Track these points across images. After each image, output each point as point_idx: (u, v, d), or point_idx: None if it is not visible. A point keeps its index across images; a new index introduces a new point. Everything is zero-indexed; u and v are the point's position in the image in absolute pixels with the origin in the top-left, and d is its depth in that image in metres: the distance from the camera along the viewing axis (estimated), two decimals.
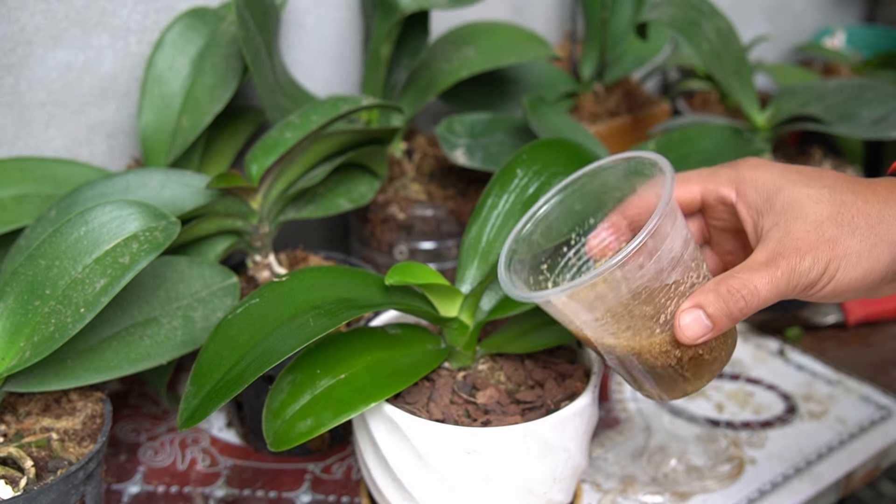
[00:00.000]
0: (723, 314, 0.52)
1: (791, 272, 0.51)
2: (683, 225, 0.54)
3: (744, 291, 0.51)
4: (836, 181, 0.54)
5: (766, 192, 0.55)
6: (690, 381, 0.56)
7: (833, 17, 1.46)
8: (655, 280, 0.52)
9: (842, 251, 0.52)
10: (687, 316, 0.52)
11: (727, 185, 0.57)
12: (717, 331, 0.52)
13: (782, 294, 0.52)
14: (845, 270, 0.52)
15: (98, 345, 0.63)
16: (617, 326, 0.54)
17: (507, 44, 0.95)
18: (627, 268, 0.51)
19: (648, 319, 0.53)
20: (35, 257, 0.59)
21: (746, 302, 0.51)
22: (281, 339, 0.57)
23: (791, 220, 0.53)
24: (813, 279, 0.52)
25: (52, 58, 0.81)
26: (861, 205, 0.53)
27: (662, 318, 0.53)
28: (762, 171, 0.56)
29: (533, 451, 0.58)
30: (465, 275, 0.66)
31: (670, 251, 0.53)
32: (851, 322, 0.94)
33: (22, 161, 0.78)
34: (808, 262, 0.51)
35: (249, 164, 0.72)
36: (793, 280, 0.51)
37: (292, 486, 0.73)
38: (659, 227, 0.51)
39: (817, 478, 0.74)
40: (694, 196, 0.59)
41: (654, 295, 0.53)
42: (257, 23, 0.76)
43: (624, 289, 0.52)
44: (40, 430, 0.61)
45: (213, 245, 0.75)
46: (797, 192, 0.54)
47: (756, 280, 0.51)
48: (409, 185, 0.90)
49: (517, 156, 0.69)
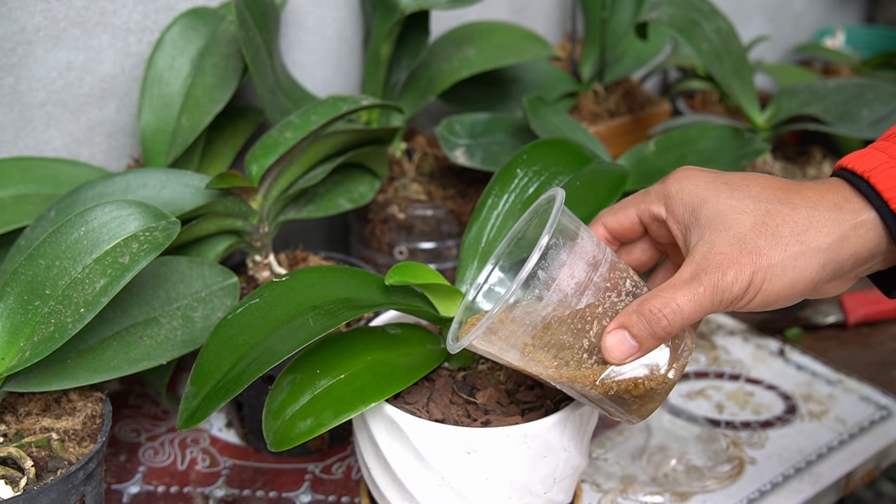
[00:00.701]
0: (647, 334, 0.52)
1: (714, 288, 0.51)
2: (590, 247, 0.54)
3: (665, 311, 0.51)
4: (763, 189, 0.54)
5: (691, 205, 0.55)
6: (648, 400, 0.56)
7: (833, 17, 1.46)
8: (563, 307, 0.53)
9: (765, 262, 0.51)
10: (612, 337, 0.53)
11: (657, 202, 0.57)
12: (644, 350, 0.53)
13: (707, 310, 0.52)
14: (771, 281, 0.51)
15: (98, 345, 0.63)
16: (545, 359, 0.54)
17: (507, 44, 0.95)
18: (523, 303, 0.52)
19: (570, 348, 0.54)
20: (35, 257, 0.59)
21: (669, 321, 0.52)
22: (281, 340, 0.57)
23: (714, 233, 0.53)
24: (737, 293, 0.51)
25: (52, 58, 0.81)
26: (787, 213, 0.52)
27: (587, 343, 0.54)
28: (688, 183, 0.55)
29: (533, 451, 0.58)
30: (465, 275, 0.66)
31: (571, 277, 0.53)
32: (851, 322, 0.94)
33: (22, 161, 0.78)
34: (730, 277, 0.51)
35: (249, 164, 0.72)
36: (717, 295, 0.51)
37: (292, 486, 0.73)
38: (552, 257, 0.52)
39: (817, 478, 0.74)
40: (632, 219, 0.59)
41: (566, 322, 0.53)
42: (257, 23, 0.76)
43: (528, 322, 0.53)
44: (40, 430, 0.61)
45: (213, 245, 0.75)
46: (721, 205, 0.53)
47: (678, 298, 0.51)
48: (409, 185, 0.90)
49: (517, 156, 0.69)
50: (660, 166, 0.84)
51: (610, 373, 0.54)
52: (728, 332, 0.93)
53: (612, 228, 0.60)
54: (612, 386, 0.54)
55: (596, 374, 0.54)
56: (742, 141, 0.83)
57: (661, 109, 1.04)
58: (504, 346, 0.54)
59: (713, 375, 0.87)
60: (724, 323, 0.95)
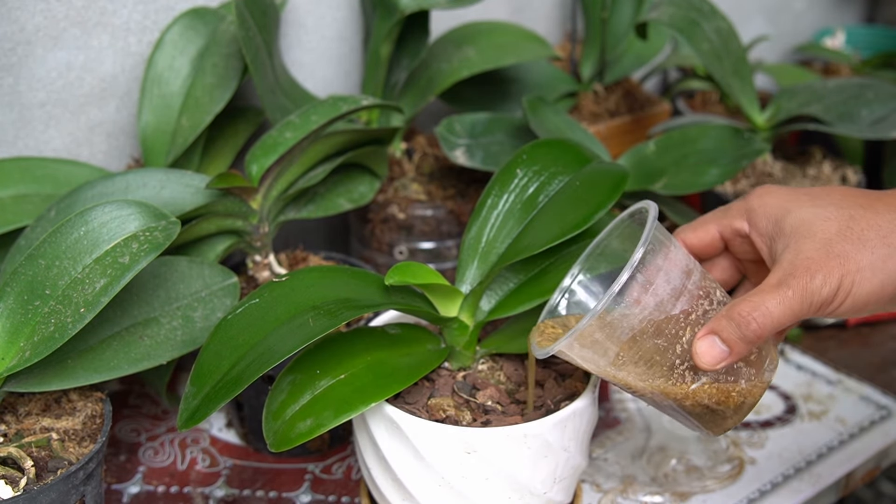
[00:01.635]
0: (737, 338, 0.52)
1: (803, 291, 0.52)
2: (682, 256, 0.55)
3: (755, 314, 0.52)
4: (844, 197, 0.55)
5: (774, 217, 0.56)
6: (729, 415, 0.56)
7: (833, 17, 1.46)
8: (658, 312, 0.54)
9: (854, 266, 0.52)
10: (702, 343, 0.53)
11: (739, 217, 0.58)
12: (735, 355, 0.53)
13: (797, 314, 0.52)
14: (861, 284, 0.52)
15: (98, 345, 0.63)
16: (636, 367, 0.55)
17: (507, 44, 0.95)
18: (623, 305, 0.53)
19: (663, 353, 0.54)
20: (35, 257, 0.59)
21: (759, 324, 0.52)
22: (281, 340, 0.57)
23: (800, 240, 0.53)
24: (826, 296, 0.52)
25: (52, 58, 0.81)
26: (871, 217, 0.53)
27: (679, 349, 0.54)
28: (769, 198, 0.57)
29: (533, 451, 0.58)
30: (465, 275, 0.66)
31: (667, 283, 0.54)
32: (851, 322, 0.94)
33: (22, 161, 0.78)
34: (819, 280, 0.52)
35: (249, 164, 0.72)
36: (806, 299, 0.52)
37: (292, 486, 0.73)
38: (648, 261, 0.53)
39: (817, 478, 0.74)
40: (713, 235, 0.60)
41: (661, 327, 0.54)
42: (257, 23, 0.76)
43: (626, 325, 0.53)
44: (40, 430, 0.61)
45: (213, 245, 0.75)
46: (805, 213, 0.54)
47: (767, 302, 0.52)
48: (409, 185, 0.90)
49: (517, 156, 0.69)
50: (660, 166, 0.84)
51: (699, 383, 0.55)
52: None
53: (692, 244, 0.61)
54: (702, 394, 0.55)
55: (686, 385, 0.55)
56: (742, 141, 0.83)
57: (661, 109, 1.04)
58: (597, 352, 0.55)
59: None
60: None
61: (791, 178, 0.95)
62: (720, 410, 0.56)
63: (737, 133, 0.83)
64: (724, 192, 0.94)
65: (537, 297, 0.63)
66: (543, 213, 0.66)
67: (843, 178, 0.96)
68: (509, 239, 0.66)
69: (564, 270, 0.64)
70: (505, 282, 0.66)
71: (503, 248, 0.66)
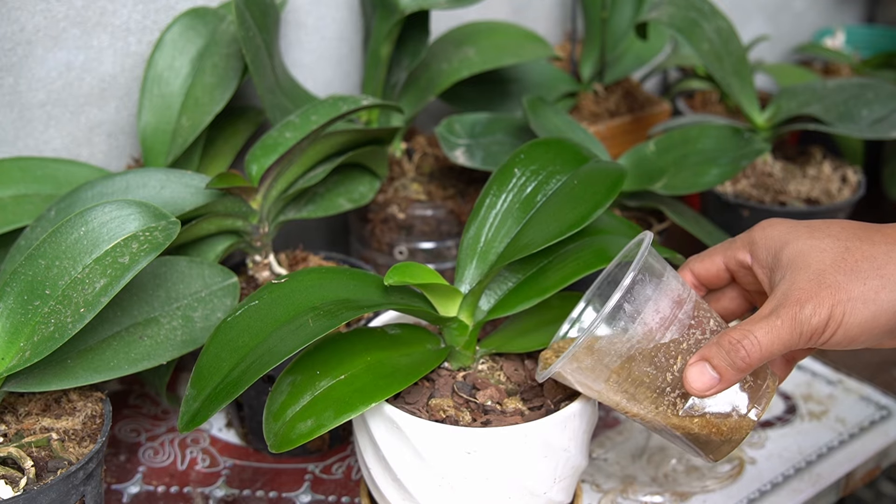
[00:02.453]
0: (726, 364, 0.53)
1: (792, 321, 0.52)
2: (677, 286, 0.57)
3: (744, 341, 0.53)
4: (843, 230, 0.55)
5: (774, 249, 0.57)
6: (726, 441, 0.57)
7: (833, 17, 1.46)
8: (647, 340, 0.55)
9: (844, 296, 0.52)
10: (693, 369, 0.54)
11: (742, 249, 0.59)
12: (725, 383, 0.54)
13: (786, 344, 0.53)
14: (852, 314, 0.52)
15: (98, 345, 0.63)
16: (627, 390, 0.56)
17: (507, 44, 0.95)
18: (609, 335, 0.54)
19: (653, 380, 0.55)
20: (35, 257, 0.59)
21: (747, 351, 0.53)
22: (281, 341, 0.57)
23: (795, 272, 0.54)
24: (816, 326, 0.52)
25: (52, 58, 0.81)
26: (866, 248, 0.53)
27: (670, 377, 0.55)
28: (771, 230, 0.58)
29: (533, 451, 0.58)
30: (465, 274, 0.66)
31: (656, 312, 0.55)
32: None
33: (22, 161, 0.78)
34: (808, 310, 0.52)
35: (249, 164, 0.72)
36: (795, 328, 0.52)
37: (292, 486, 0.73)
38: (637, 292, 0.54)
39: (817, 478, 0.74)
40: (719, 266, 0.61)
41: (651, 355, 0.55)
42: (257, 23, 0.76)
43: (614, 352, 0.55)
44: (40, 430, 0.61)
45: (213, 245, 0.75)
46: (801, 245, 0.55)
47: (756, 331, 0.53)
48: (409, 185, 0.90)
49: (514, 155, 0.69)
50: (660, 166, 0.84)
51: (690, 409, 0.56)
52: None
53: (699, 274, 0.62)
54: (692, 424, 0.56)
55: (677, 411, 0.56)
56: (742, 141, 0.83)
57: (661, 109, 1.04)
58: (589, 377, 0.56)
59: None
60: None
61: (791, 178, 0.95)
62: (708, 439, 0.57)
63: (737, 133, 0.83)
64: (724, 192, 0.94)
65: (536, 296, 0.63)
66: (541, 212, 0.66)
67: (843, 177, 0.96)
68: (508, 238, 0.66)
69: (563, 269, 0.64)
70: (504, 281, 0.66)
71: (502, 247, 0.66)
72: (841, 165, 0.98)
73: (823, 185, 0.95)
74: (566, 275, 0.63)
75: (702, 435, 0.56)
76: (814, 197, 0.93)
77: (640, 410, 0.56)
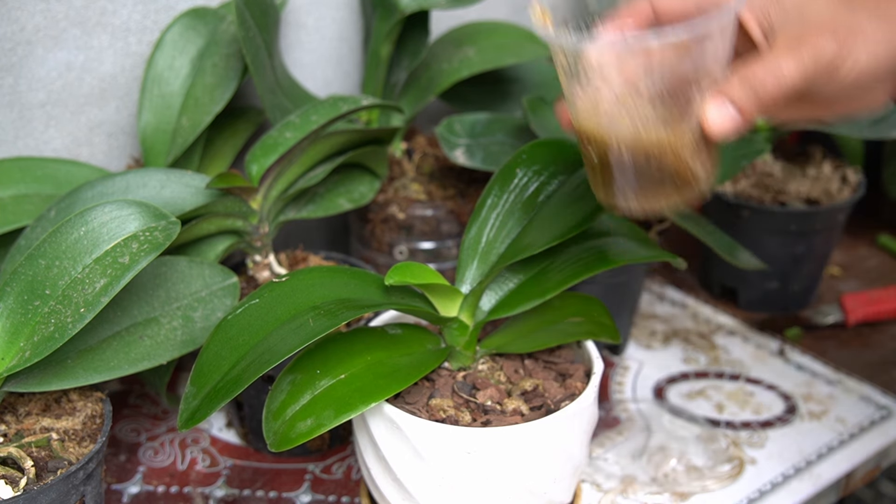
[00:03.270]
0: (749, 100, 0.51)
1: (815, 52, 0.51)
2: (731, 33, 0.53)
3: (770, 76, 0.50)
4: None
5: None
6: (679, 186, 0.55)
7: None
8: (696, 70, 0.51)
9: (858, 29, 0.51)
10: (713, 106, 0.51)
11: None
12: (746, 120, 0.51)
13: (808, 78, 0.51)
14: (865, 45, 0.51)
15: (98, 345, 0.63)
16: (639, 108, 0.52)
17: (507, 44, 0.95)
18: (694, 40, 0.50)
19: (682, 94, 0.52)
20: (35, 257, 0.59)
21: (778, 81, 0.50)
22: (281, 340, 0.57)
23: (803, 8, 0.53)
24: (833, 59, 0.51)
25: (52, 58, 0.81)
26: None
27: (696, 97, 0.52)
28: None
29: (533, 451, 0.58)
30: (465, 275, 0.66)
31: (715, 51, 0.52)
32: (851, 322, 0.94)
33: (22, 161, 0.78)
34: (828, 42, 0.51)
35: (249, 164, 0.72)
36: (818, 60, 0.51)
37: (292, 486, 0.73)
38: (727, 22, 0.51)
39: (817, 478, 0.74)
40: (686, 4, 0.56)
41: (683, 84, 0.52)
42: (257, 23, 0.76)
43: (681, 63, 0.51)
44: (40, 430, 0.61)
45: (213, 245, 0.75)
46: None
47: (782, 62, 0.51)
48: (409, 185, 0.90)
49: (516, 156, 0.69)
50: None
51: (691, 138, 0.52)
52: (728, 332, 0.93)
53: (658, 7, 0.57)
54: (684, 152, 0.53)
55: (683, 138, 0.53)
56: (742, 141, 0.83)
57: None
58: (620, 77, 0.52)
59: (713, 375, 0.87)
60: (724, 323, 0.95)
61: (791, 178, 0.95)
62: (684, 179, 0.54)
63: None
64: (724, 192, 0.94)
65: (537, 297, 0.63)
66: (543, 212, 0.66)
67: (843, 177, 0.96)
68: (509, 239, 0.66)
69: (565, 271, 0.64)
70: (505, 282, 0.66)
71: (503, 247, 0.66)
72: (841, 165, 0.98)
73: (823, 185, 0.95)
74: (567, 276, 0.63)
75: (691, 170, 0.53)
76: (814, 197, 0.93)
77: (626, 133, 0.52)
